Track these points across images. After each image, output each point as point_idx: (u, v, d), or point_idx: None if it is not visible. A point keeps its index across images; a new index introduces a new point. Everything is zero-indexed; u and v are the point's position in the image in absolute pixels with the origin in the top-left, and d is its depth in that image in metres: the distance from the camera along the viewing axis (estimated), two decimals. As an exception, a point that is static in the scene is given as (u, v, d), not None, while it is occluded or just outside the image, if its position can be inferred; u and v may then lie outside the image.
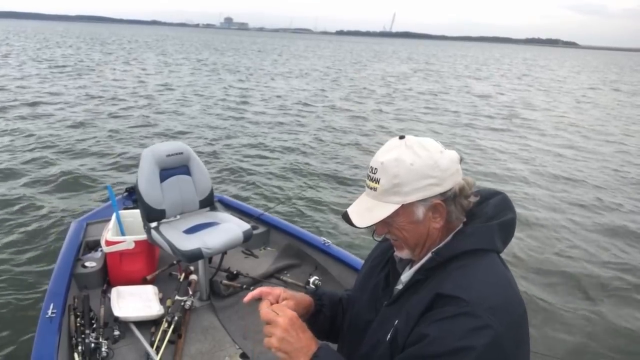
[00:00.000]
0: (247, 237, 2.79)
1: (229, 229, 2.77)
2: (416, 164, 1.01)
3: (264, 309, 1.10)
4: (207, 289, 2.84)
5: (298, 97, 15.34)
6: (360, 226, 1.06)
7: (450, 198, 1.04)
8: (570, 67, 49.20)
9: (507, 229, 1.09)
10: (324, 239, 3.22)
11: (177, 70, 21.88)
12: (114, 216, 3.10)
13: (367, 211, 1.07)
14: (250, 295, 1.19)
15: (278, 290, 1.21)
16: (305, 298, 1.27)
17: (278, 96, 15.27)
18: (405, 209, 1.05)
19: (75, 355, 2.20)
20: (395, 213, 1.05)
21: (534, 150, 9.48)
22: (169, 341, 2.40)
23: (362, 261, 2.93)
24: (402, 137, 1.06)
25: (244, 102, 13.61)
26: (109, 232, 2.91)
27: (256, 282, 3.00)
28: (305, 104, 13.80)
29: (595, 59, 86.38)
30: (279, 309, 1.09)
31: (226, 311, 2.75)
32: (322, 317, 1.31)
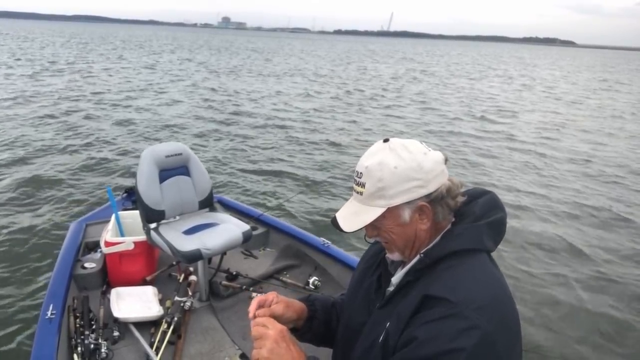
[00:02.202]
0: (247, 237, 2.79)
1: (228, 229, 2.77)
2: (400, 167, 1.02)
3: (254, 325, 1.11)
4: (206, 289, 2.84)
5: (297, 98, 15.32)
6: (348, 231, 1.07)
7: (436, 199, 1.05)
8: (567, 67, 49.19)
9: (497, 227, 1.09)
10: (324, 239, 3.22)
11: (172, 71, 21.81)
12: (113, 217, 3.10)
13: (354, 215, 1.09)
14: (251, 310, 1.19)
15: (271, 295, 1.23)
16: (296, 303, 1.28)
17: (279, 97, 15.26)
18: (392, 212, 1.05)
19: (75, 356, 2.20)
20: (382, 216, 1.06)
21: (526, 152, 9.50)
22: (168, 342, 2.40)
23: (362, 262, 2.93)
24: (386, 140, 1.07)
25: (244, 105, 13.58)
26: (108, 233, 2.90)
27: (255, 282, 3.00)
28: (304, 106, 13.80)
29: (593, 58, 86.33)
30: (269, 323, 1.10)
31: (226, 312, 2.75)
32: (317, 323, 1.32)
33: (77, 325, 2.39)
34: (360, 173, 1.07)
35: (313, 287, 2.92)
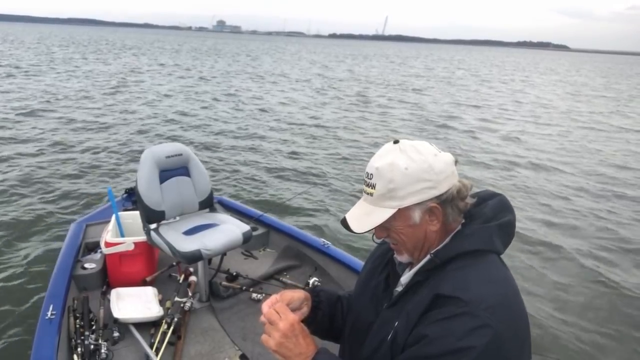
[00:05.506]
0: (247, 238, 2.79)
1: (228, 230, 2.77)
2: (410, 168, 1.02)
3: (266, 308, 1.12)
4: (206, 290, 2.84)
5: (297, 99, 15.34)
6: (358, 231, 1.07)
7: (446, 200, 1.05)
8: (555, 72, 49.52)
9: (506, 230, 1.10)
10: (324, 240, 3.23)
11: (176, 75, 21.73)
12: (113, 217, 3.09)
13: (364, 216, 1.08)
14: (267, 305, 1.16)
15: (274, 297, 1.20)
16: (301, 292, 1.28)
17: (280, 100, 15.27)
18: (402, 213, 1.06)
19: (75, 356, 2.20)
20: (393, 217, 1.06)
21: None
22: (168, 342, 2.40)
23: (362, 262, 2.93)
24: (396, 142, 1.07)
25: (246, 105, 13.60)
26: (108, 234, 2.90)
27: (256, 283, 3.00)
28: (304, 107, 13.82)
29: (585, 63, 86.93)
30: (282, 311, 1.10)
31: (225, 312, 2.75)
32: (321, 314, 1.31)
33: (77, 326, 2.38)
34: (371, 174, 1.06)
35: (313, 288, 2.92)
